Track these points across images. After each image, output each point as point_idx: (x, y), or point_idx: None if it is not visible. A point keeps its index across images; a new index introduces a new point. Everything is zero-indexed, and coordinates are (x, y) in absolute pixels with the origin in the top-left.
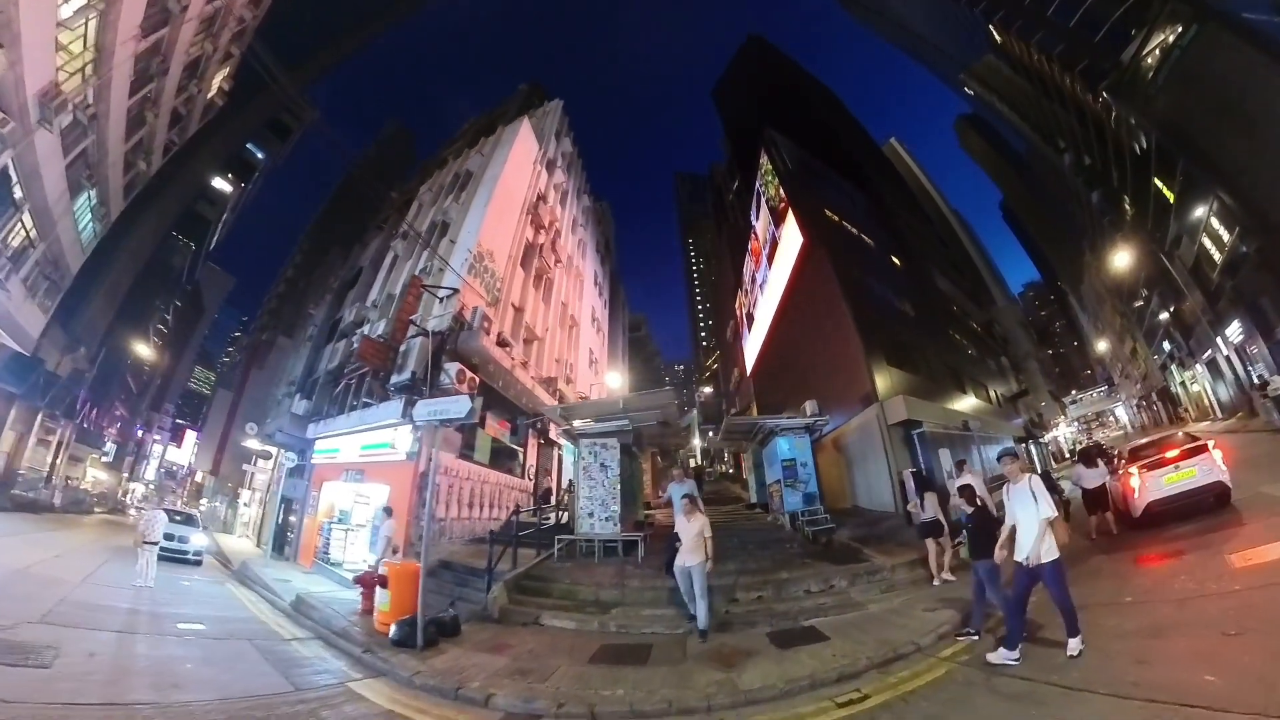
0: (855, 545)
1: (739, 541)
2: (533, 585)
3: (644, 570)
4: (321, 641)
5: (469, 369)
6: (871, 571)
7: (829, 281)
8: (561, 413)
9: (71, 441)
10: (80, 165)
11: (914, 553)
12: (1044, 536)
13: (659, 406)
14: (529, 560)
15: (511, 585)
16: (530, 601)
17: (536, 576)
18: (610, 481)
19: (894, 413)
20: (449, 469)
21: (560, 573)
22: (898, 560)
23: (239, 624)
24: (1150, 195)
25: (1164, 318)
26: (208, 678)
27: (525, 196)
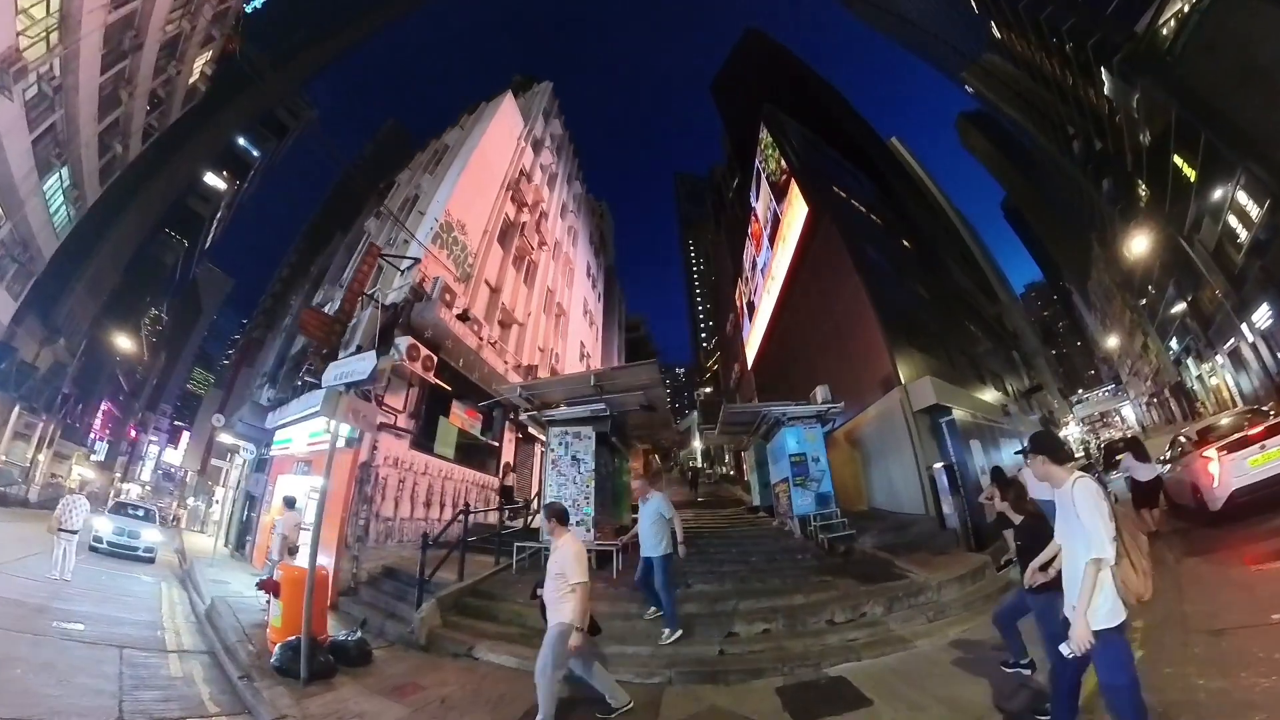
0: (884, 556)
1: (739, 552)
2: (477, 605)
3: (618, 590)
4: (210, 657)
5: (423, 344)
6: (912, 591)
7: (838, 252)
8: (523, 392)
9: (56, 438)
10: (49, 141)
11: (959, 565)
12: (1094, 589)
13: (641, 386)
14: (484, 570)
15: (449, 603)
16: (469, 626)
17: (485, 593)
18: (583, 478)
19: (921, 396)
20: (401, 461)
21: (515, 589)
22: (942, 575)
23: (130, 628)
24: (1168, 175)
25: (1180, 309)
26: (19, 690)
27: (506, 172)
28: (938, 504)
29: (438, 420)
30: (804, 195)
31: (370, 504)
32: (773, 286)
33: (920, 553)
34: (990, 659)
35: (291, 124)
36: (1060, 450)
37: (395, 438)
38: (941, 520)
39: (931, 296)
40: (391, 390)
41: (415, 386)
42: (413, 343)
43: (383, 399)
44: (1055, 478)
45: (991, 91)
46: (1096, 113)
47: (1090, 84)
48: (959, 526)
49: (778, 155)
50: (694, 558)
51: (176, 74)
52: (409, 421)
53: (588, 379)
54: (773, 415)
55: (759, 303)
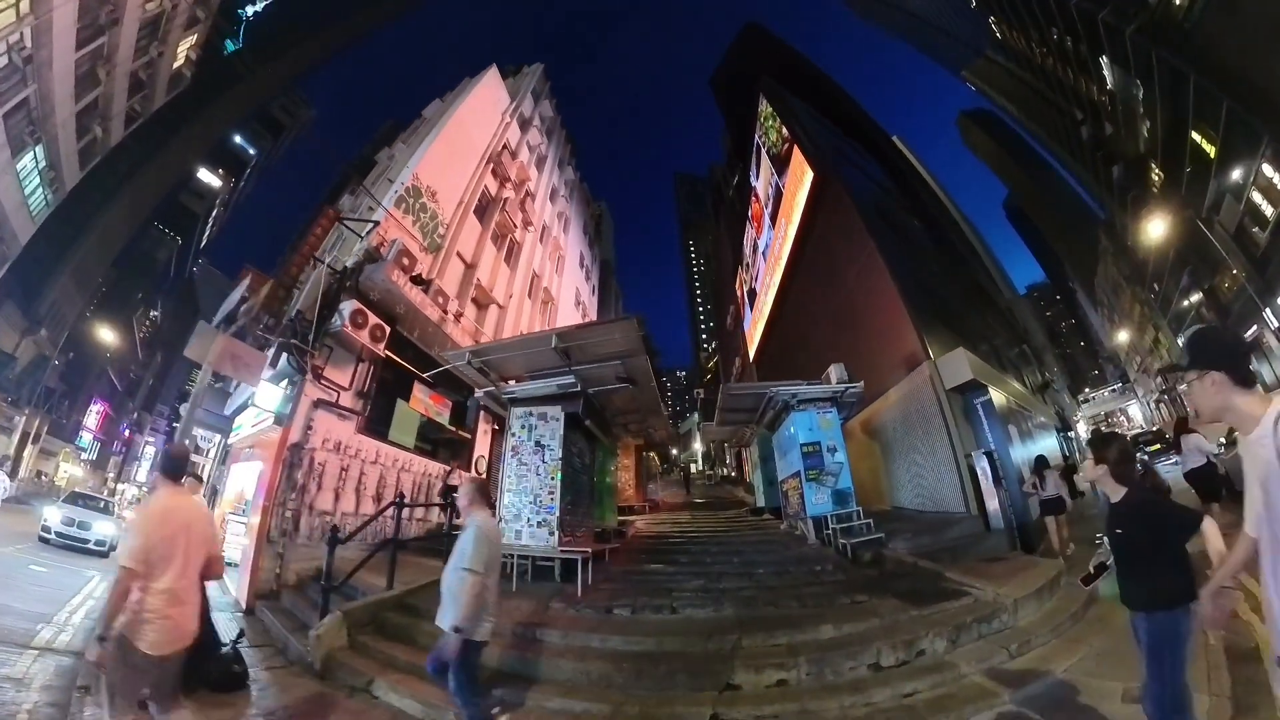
0: (927, 566)
1: (741, 563)
2: (400, 623)
3: (579, 609)
4: (78, 659)
5: (372, 311)
6: (981, 615)
7: (848, 217)
8: (473, 359)
9: (42, 433)
10: (21, 118)
11: (1027, 574)
12: None
13: (618, 354)
14: (424, 578)
15: (363, 618)
16: (380, 651)
17: (413, 608)
18: (547, 469)
19: (953, 372)
20: (344, 445)
21: None
22: (1013, 589)
23: (11, 618)
24: (1185, 154)
25: (1195, 298)
26: None
27: (488, 144)
28: (980, 499)
29: (395, 403)
30: (808, 160)
31: (302, 493)
32: (775, 268)
33: (968, 560)
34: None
35: (288, 122)
36: (1245, 362)
37: (338, 418)
38: (986, 519)
39: (947, 279)
40: (335, 363)
41: (366, 361)
42: (358, 307)
43: (322, 370)
44: (1242, 412)
45: (994, 85)
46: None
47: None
48: (1005, 526)
49: (778, 125)
50: (685, 571)
51: (158, 56)
52: (356, 401)
53: (548, 339)
54: (780, 398)
55: (760, 288)
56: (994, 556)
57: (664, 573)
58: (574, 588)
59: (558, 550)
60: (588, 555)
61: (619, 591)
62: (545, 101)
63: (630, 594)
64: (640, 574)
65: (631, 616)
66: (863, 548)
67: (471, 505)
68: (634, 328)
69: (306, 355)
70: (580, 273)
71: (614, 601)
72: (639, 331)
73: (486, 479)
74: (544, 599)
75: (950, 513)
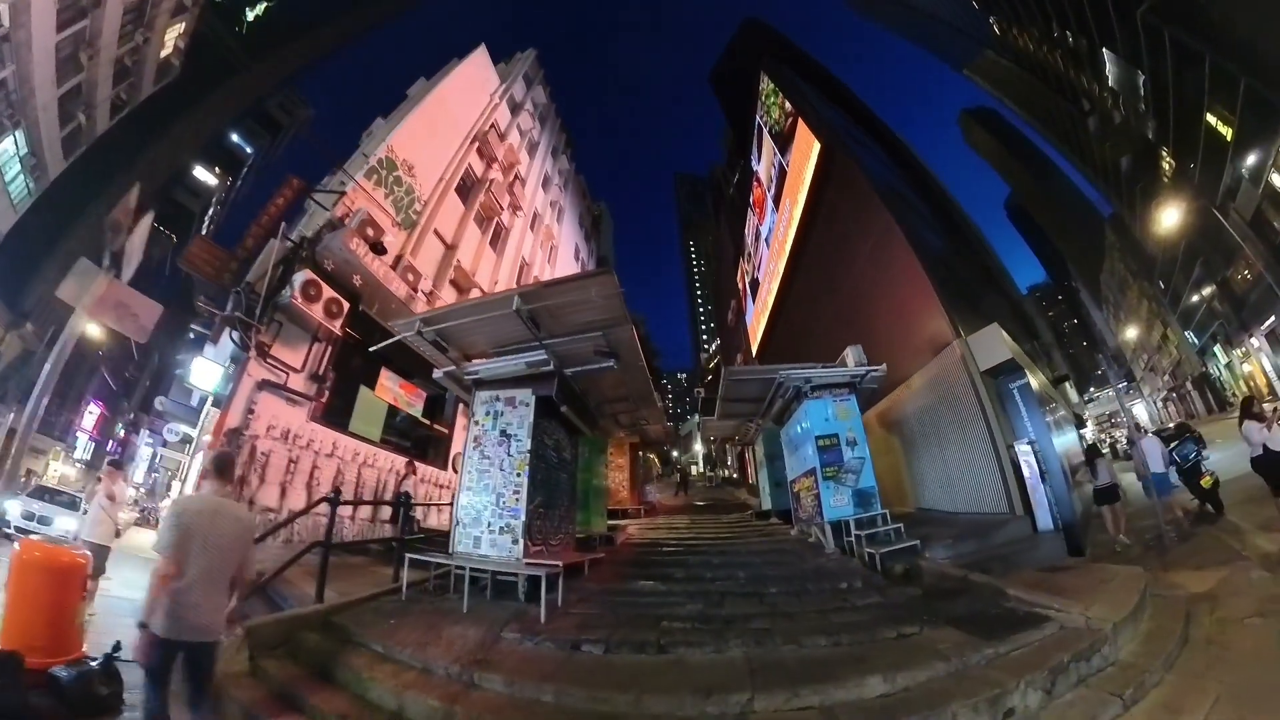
0: (980, 580)
1: (748, 578)
2: (317, 646)
3: (538, 642)
4: None
5: (329, 284)
6: (1078, 650)
7: (858, 188)
8: (424, 328)
9: (32, 430)
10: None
11: (1107, 586)
12: None
13: (596, 323)
14: (370, 588)
15: (272, 638)
16: (285, 683)
17: (338, 629)
18: (513, 463)
19: (989, 352)
20: (294, 434)
21: (383, 631)
22: (1108, 609)
23: None
24: (1199, 139)
25: (1207, 291)
26: None
27: (474, 124)
28: (1025, 497)
29: (357, 390)
30: (814, 131)
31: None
32: (780, 252)
33: (1025, 569)
34: None
35: (286, 121)
36: None
37: (288, 403)
38: (1033, 519)
39: (963, 261)
40: (287, 341)
41: (323, 342)
42: (311, 278)
43: (269, 348)
44: None
45: (996, 81)
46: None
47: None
48: (1057, 526)
49: (780, 100)
50: (680, 590)
51: (144, 42)
52: (310, 385)
53: (508, 300)
54: (790, 383)
55: (764, 277)
56: (1056, 565)
57: (654, 592)
58: (539, 610)
59: (522, 563)
60: (557, 571)
61: (594, 618)
62: (538, 87)
63: (608, 622)
64: (625, 593)
65: (604, 656)
66: (894, 558)
67: (202, 478)
68: (611, 283)
69: (251, 330)
70: (575, 265)
71: (584, 633)
72: (617, 288)
73: (229, 450)
74: (498, 625)
75: (990, 514)
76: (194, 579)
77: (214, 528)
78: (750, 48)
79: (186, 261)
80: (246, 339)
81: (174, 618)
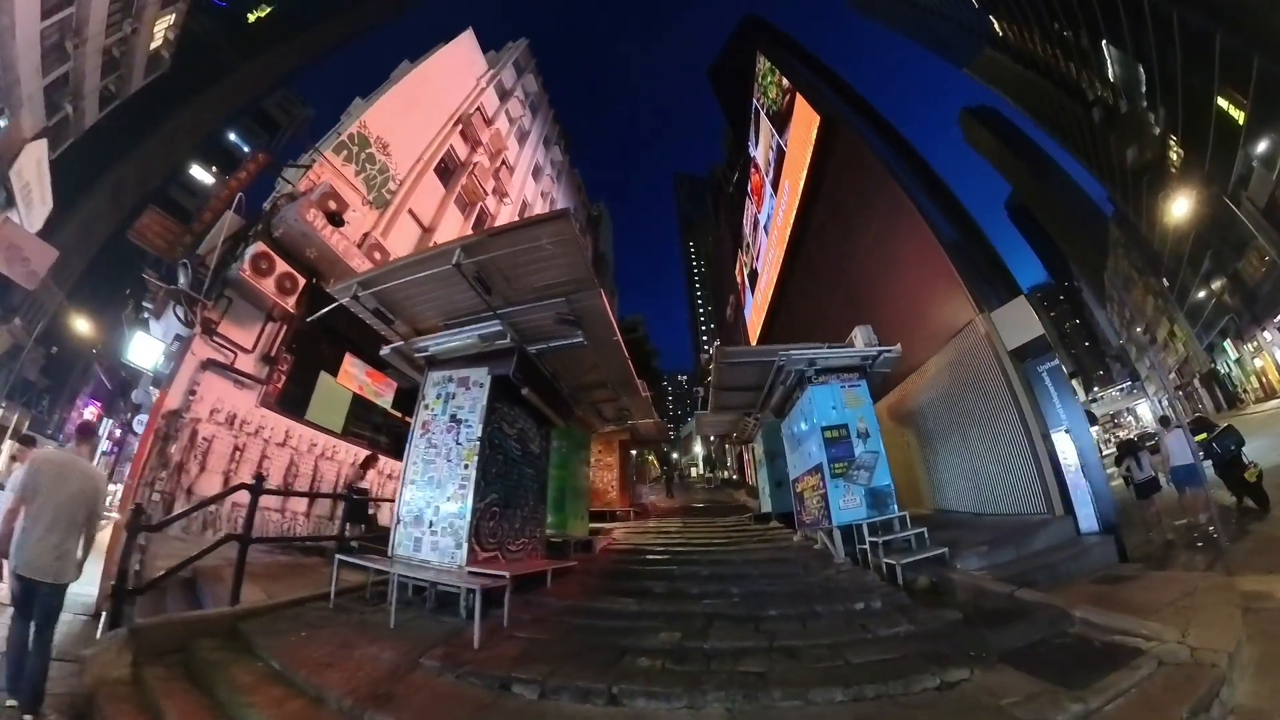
0: (1034, 598)
1: (742, 597)
2: (214, 658)
3: (460, 675)
4: None
5: (285, 259)
6: (1200, 700)
7: (862, 159)
8: (361, 291)
9: (23, 428)
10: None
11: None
12: None
13: (558, 288)
14: (293, 591)
15: (164, 642)
16: (166, 700)
17: (241, 638)
18: (461, 453)
19: (1017, 328)
20: (241, 420)
21: (289, 644)
22: (1211, 634)
23: None
24: (1210, 124)
25: (1217, 285)
26: None
27: (459, 106)
28: (1065, 495)
29: (317, 376)
30: (813, 105)
31: (178, 473)
32: (780, 238)
33: (1078, 580)
34: None
35: (284, 121)
36: None
37: (235, 385)
38: (1076, 520)
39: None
40: (238, 320)
41: (278, 321)
42: (263, 250)
43: (216, 325)
44: None
45: (999, 76)
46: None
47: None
48: (1103, 527)
49: (777, 79)
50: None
51: (132, 33)
52: (261, 368)
53: (449, 253)
54: (792, 367)
55: (763, 266)
56: (1112, 573)
57: (624, 613)
58: (467, 631)
59: (464, 572)
60: (501, 584)
61: (540, 647)
62: (529, 76)
63: (555, 653)
64: (588, 613)
65: (536, 703)
66: (918, 569)
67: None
68: (567, 228)
69: (197, 306)
70: None
71: (521, 668)
72: (574, 233)
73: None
74: (423, 647)
75: (1024, 514)
76: (40, 521)
77: (61, 479)
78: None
79: (136, 234)
80: (191, 314)
81: (23, 556)
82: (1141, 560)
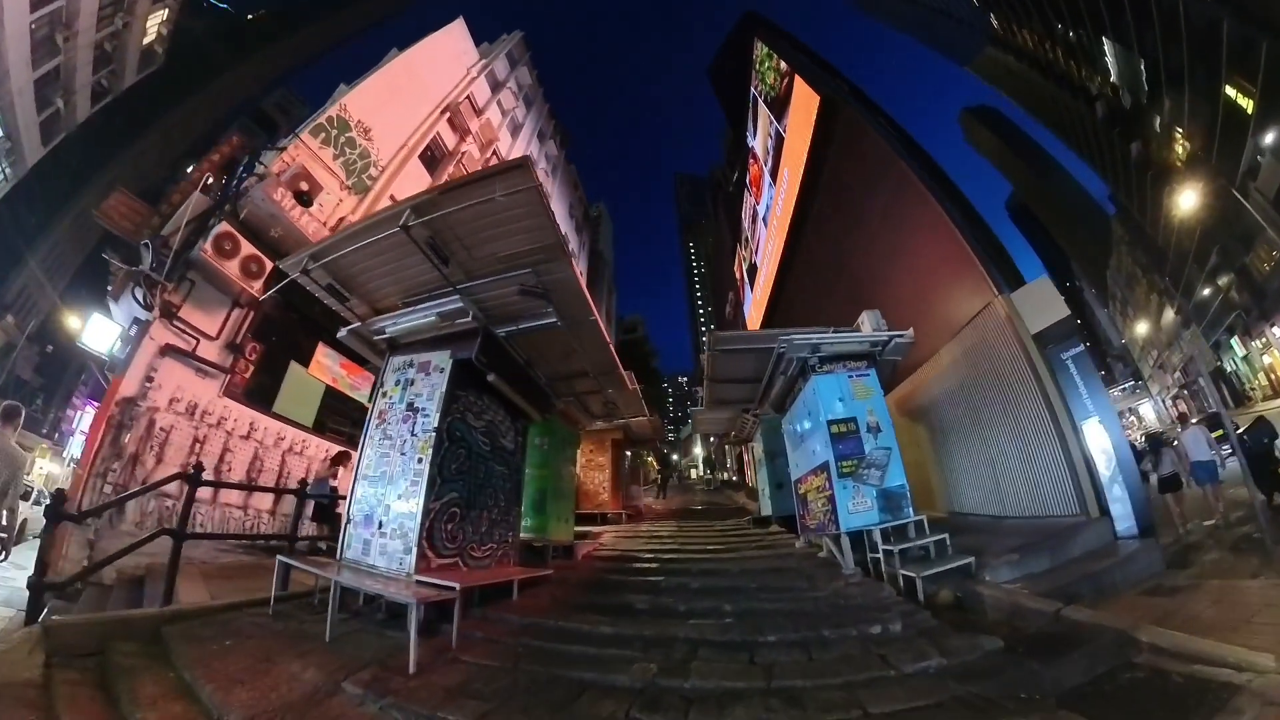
0: (1084, 618)
1: (736, 617)
2: (129, 663)
3: (381, 707)
4: None
5: (245, 237)
6: None
7: (864, 139)
8: (310, 263)
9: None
10: None
11: None
12: None
13: (521, 257)
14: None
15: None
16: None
17: (159, 644)
18: (415, 444)
19: (1040, 310)
20: (199, 409)
21: (208, 654)
22: None
23: None
24: (1217, 114)
25: (1223, 282)
26: None
27: (447, 95)
28: (1099, 493)
29: (287, 366)
30: (812, 84)
31: (133, 464)
32: (779, 228)
33: (1125, 591)
34: None
35: (283, 121)
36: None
37: (197, 373)
38: (1112, 522)
39: (982, 231)
40: (202, 304)
41: (245, 307)
42: (227, 230)
43: (177, 309)
44: None
45: (1000, 74)
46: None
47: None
48: (1142, 530)
49: (775, 62)
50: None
51: (124, 27)
52: (225, 356)
53: (397, 214)
54: (793, 354)
55: (762, 259)
56: (1164, 584)
57: (593, 637)
58: (425, 648)
59: (411, 581)
60: (450, 596)
61: (483, 677)
62: (523, 68)
63: (498, 688)
64: (551, 635)
65: None
66: (939, 582)
67: None
68: (526, 178)
69: (157, 288)
70: None
71: (454, 705)
72: (534, 184)
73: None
74: (352, 666)
75: (1052, 516)
76: None
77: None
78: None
79: (102, 214)
80: (151, 297)
81: None
82: (1182, 565)
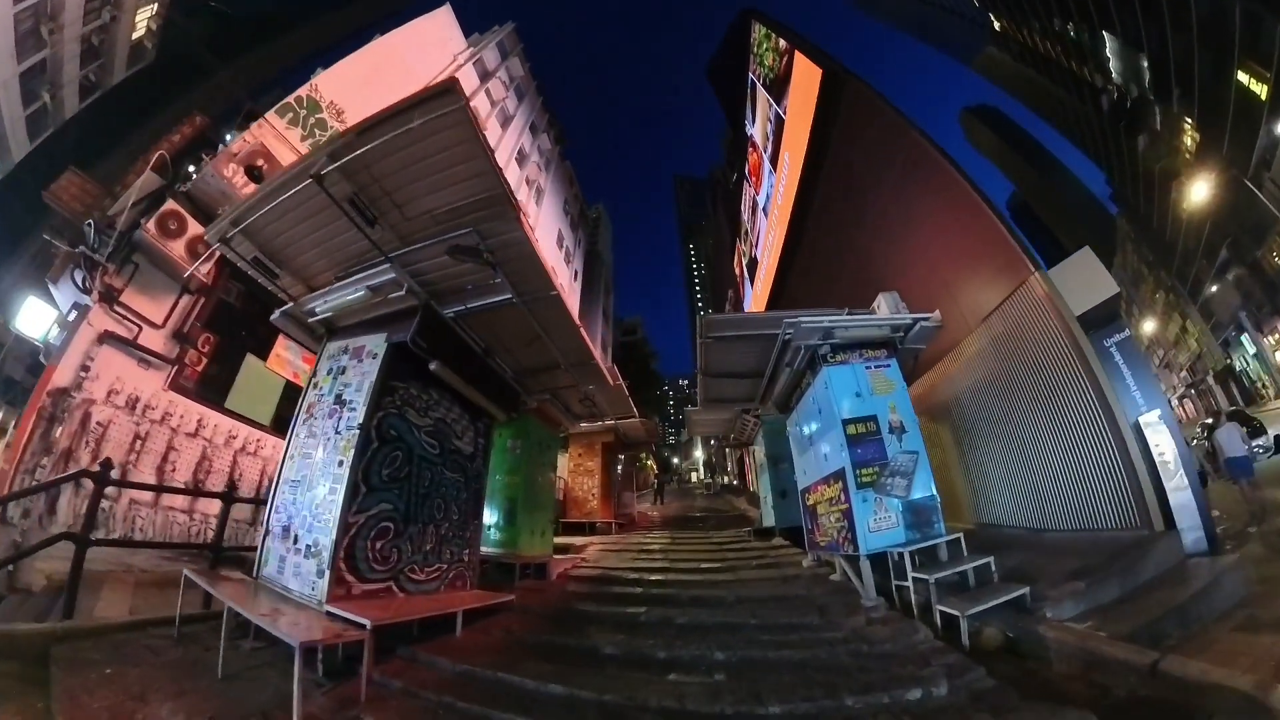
0: (1195, 676)
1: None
2: (3, 689)
3: None
4: None
5: (192, 216)
6: None
7: (873, 111)
8: (230, 229)
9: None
10: None
11: None
12: None
13: (458, 210)
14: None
15: None
16: None
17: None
18: (338, 445)
19: (1085, 287)
20: (145, 403)
21: (83, 682)
22: None
23: None
24: (1229, 102)
25: (1232, 277)
26: None
27: (429, 80)
28: (1164, 503)
29: (242, 358)
30: (813, 59)
31: (65, 461)
32: (780, 218)
33: (1216, 630)
34: None
35: None
36: None
37: (139, 364)
38: (1179, 537)
39: None
40: (146, 287)
41: (196, 294)
42: (173, 208)
43: (119, 294)
44: None
45: (1002, 71)
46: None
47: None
48: (1213, 547)
49: (774, 42)
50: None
51: (112, 21)
52: (172, 347)
53: (312, 161)
54: (800, 340)
55: (762, 251)
56: (1259, 617)
57: (539, 699)
58: (331, 697)
59: (322, 612)
60: (360, 637)
61: None
62: (515, 59)
63: None
64: (486, 692)
65: None
66: (986, 620)
67: None
68: (454, 100)
69: (98, 270)
70: (558, 253)
71: None
72: (464, 115)
73: None
74: (233, 716)
75: (1106, 530)
76: None
77: None
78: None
79: (52, 195)
80: (90, 279)
81: None
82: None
